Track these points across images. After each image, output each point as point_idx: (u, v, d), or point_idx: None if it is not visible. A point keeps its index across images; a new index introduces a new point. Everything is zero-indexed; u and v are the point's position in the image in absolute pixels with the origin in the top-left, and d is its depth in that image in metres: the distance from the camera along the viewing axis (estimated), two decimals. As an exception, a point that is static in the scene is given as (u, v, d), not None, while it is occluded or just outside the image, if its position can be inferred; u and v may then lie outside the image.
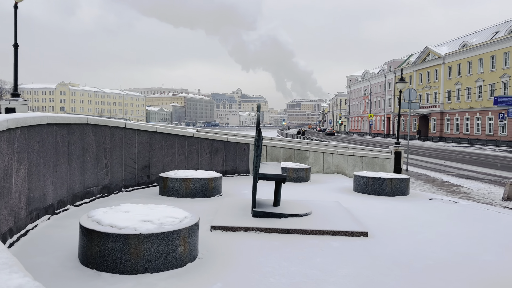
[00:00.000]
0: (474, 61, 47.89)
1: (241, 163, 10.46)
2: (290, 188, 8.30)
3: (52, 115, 5.07)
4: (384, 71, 73.90)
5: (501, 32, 45.38)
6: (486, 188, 14.58)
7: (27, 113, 5.01)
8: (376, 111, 76.71)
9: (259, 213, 5.21)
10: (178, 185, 6.82)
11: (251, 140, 10.77)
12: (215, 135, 9.86)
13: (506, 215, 6.51)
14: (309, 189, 8.44)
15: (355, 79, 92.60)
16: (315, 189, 8.50)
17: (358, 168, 11.80)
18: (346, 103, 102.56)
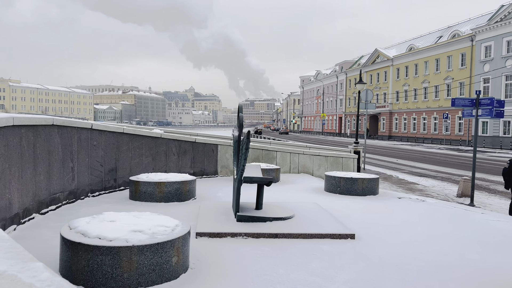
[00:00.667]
0: (420, 63, 50.42)
1: (209, 164, 10.23)
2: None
3: (17, 116, 4.63)
4: (336, 72, 75.96)
5: (444, 36, 48.11)
6: (439, 185, 15.33)
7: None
8: (328, 110, 78.71)
9: (244, 217, 5.07)
10: (151, 189, 6.51)
11: (220, 140, 10.57)
12: (183, 135, 9.56)
13: (473, 212, 6.82)
14: (281, 190, 8.40)
15: (308, 79, 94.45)
16: (288, 190, 8.47)
17: (324, 167, 11.95)
18: (299, 102, 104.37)
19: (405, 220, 5.85)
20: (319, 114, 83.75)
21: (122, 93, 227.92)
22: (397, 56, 55.12)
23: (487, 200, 12.34)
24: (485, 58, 40.08)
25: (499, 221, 6.03)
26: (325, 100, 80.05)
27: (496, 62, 38.59)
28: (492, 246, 4.61)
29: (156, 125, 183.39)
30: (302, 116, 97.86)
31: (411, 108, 52.31)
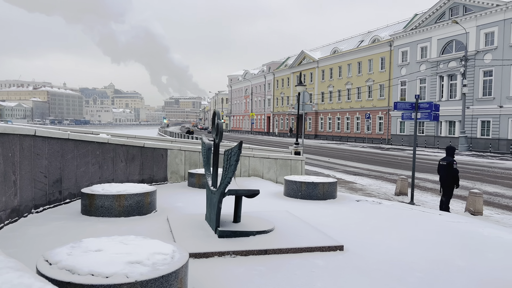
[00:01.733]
0: (344, 66, 53.03)
1: (159, 171, 9.61)
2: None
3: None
4: (264, 72, 77.10)
5: (365, 41, 51.09)
6: (375, 184, 16.09)
7: None
8: (257, 110, 79.69)
9: (226, 232, 4.72)
10: (109, 202, 5.86)
11: (169, 145, 9.99)
12: (131, 140, 8.85)
13: (431, 214, 7.13)
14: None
15: (236, 78, 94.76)
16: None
17: (273, 170, 11.88)
18: (227, 101, 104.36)
19: (377, 226, 5.91)
20: (247, 114, 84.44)
21: (33, 89, 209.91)
22: (322, 58, 57.41)
23: (421, 197, 13.15)
24: (402, 63, 43.26)
25: (459, 222, 6.35)
26: (254, 99, 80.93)
27: (411, 67, 41.84)
28: (469, 250, 4.78)
29: (73, 123, 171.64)
30: (230, 115, 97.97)
31: (335, 109, 54.81)
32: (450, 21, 36.43)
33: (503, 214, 10.65)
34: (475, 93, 34.76)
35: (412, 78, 41.71)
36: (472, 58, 34.59)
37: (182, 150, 10.20)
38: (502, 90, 32.60)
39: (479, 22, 34.38)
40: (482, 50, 34.18)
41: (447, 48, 37.96)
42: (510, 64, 31.82)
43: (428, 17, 39.42)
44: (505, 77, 32.37)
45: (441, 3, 37.74)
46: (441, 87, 38.78)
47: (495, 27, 33.06)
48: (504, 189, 14.61)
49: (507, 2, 31.54)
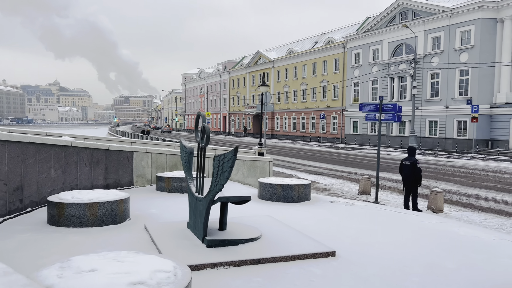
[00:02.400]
0: (299, 66, 53.83)
1: (124, 174, 9.14)
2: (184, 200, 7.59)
3: None
4: (219, 71, 76.59)
5: (320, 42, 52.15)
6: (337, 183, 16.38)
7: None
8: (212, 109, 79.03)
9: (215, 242, 4.50)
10: (81, 211, 5.43)
11: (135, 147, 9.52)
12: (95, 143, 8.32)
13: (405, 214, 7.29)
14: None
15: (190, 77, 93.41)
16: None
17: (242, 172, 11.72)
18: (181, 100, 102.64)
19: (360, 229, 5.92)
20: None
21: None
22: (278, 58, 57.93)
23: (383, 196, 13.51)
24: (355, 64, 44.59)
25: (434, 223, 6.52)
26: (209, 98, 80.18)
27: (364, 68, 43.24)
28: (454, 252, 4.89)
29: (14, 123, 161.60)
30: (185, 114, 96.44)
31: (291, 108, 55.51)
32: (400, 25, 38.00)
33: (461, 211, 11.16)
34: (424, 94, 36.52)
35: (364, 80, 43.10)
36: (421, 61, 36.31)
37: (149, 152, 9.77)
38: (448, 91, 34.49)
39: (426, 27, 36.15)
40: (430, 53, 35.97)
41: (398, 51, 39.58)
42: (455, 68, 33.73)
43: (380, 21, 40.90)
44: (450, 80, 34.27)
45: (392, 8, 39.27)
46: (392, 88, 40.38)
47: (441, 32, 34.90)
48: (457, 186, 15.37)
49: (452, 9, 33.40)
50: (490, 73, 32.12)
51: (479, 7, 31.66)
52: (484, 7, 31.53)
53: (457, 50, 33.62)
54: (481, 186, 15.27)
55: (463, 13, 32.94)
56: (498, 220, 10.07)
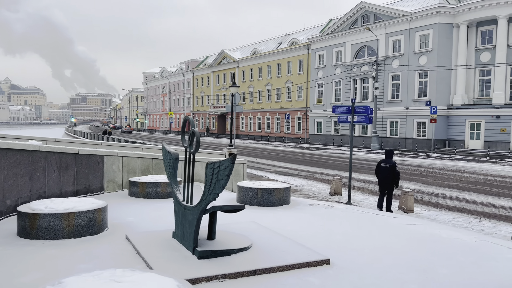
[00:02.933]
0: (264, 67, 53.98)
1: (94, 180, 8.68)
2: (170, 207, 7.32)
3: None
4: (182, 70, 75.45)
5: (284, 43, 52.54)
6: (308, 184, 16.46)
7: None
8: (175, 109, 77.74)
9: (206, 253, 4.29)
10: (56, 222, 5.04)
11: (106, 151, 9.07)
12: (64, 147, 7.84)
13: (385, 217, 7.36)
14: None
15: (152, 76, 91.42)
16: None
17: (214, 175, 11.49)
18: (143, 99, 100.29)
19: (346, 233, 5.89)
20: (165, 112, 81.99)
21: None
22: (243, 58, 57.82)
23: (353, 196, 13.69)
24: (319, 65, 45.25)
25: (415, 225, 6.62)
26: (172, 98, 78.80)
27: (328, 69, 43.96)
28: (443, 256, 4.94)
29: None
30: (146, 114, 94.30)
31: (256, 109, 55.58)
32: (362, 28, 38.93)
33: (430, 211, 11.48)
34: (385, 95, 37.61)
35: (328, 81, 43.83)
36: (382, 63, 37.38)
37: (120, 156, 9.35)
38: (408, 93, 35.71)
39: (387, 30, 37.25)
40: (391, 56, 37.09)
41: (360, 53, 40.53)
42: (414, 70, 34.97)
43: (343, 23, 41.72)
44: (410, 82, 35.50)
45: (354, 11, 40.16)
46: (354, 90, 41.30)
47: (402, 35, 36.08)
48: (422, 186, 15.86)
49: (412, 13, 34.61)
50: (447, 76, 33.56)
51: (436, 12, 32.99)
52: (441, 12, 32.89)
53: (417, 53, 34.88)
54: (444, 185, 15.85)
55: (422, 17, 34.22)
56: (465, 219, 10.43)
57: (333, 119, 43.44)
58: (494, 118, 30.64)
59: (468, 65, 32.81)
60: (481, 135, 31.59)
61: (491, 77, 31.99)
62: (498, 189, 15.07)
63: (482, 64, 32.40)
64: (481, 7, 31.15)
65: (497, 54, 31.04)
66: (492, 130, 30.90)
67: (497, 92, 30.92)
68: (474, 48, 32.80)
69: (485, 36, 32.40)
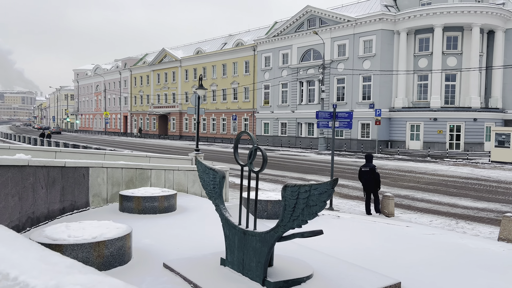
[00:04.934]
0: (208, 67, 53.18)
1: (80, 194, 7.77)
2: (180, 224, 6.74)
3: None
4: (118, 68, 71.98)
5: (229, 44, 52.16)
6: (279, 189, 16.32)
7: None
8: (111, 108, 73.94)
9: (279, 284, 3.90)
10: (85, 254, 4.33)
11: (91, 162, 8.16)
12: (51, 160, 6.89)
13: (398, 226, 7.39)
14: (197, 222, 7.09)
15: (84, 73, 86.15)
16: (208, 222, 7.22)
17: (198, 183, 10.91)
18: (73, 98, 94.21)
19: (380, 247, 5.77)
20: (100, 112, 77.69)
21: None
22: (185, 58, 56.49)
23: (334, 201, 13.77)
24: (265, 67, 45.52)
25: (434, 234, 6.70)
26: (107, 97, 74.83)
27: (274, 71, 44.38)
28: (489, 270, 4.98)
29: None
30: (78, 114, 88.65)
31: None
32: (309, 31, 39.79)
33: (406, 214, 11.84)
34: (331, 98, 38.79)
35: (275, 83, 44.24)
36: (328, 66, 38.49)
37: (104, 167, 8.47)
38: (352, 96, 37.15)
39: (333, 35, 38.45)
40: (336, 59, 38.34)
41: (306, 56, 41.40)
42: (359, 74, 36.46)
43: (289, 26, 42.34)
44: (355, 85, 36.96)
45: (300, 14, 40.94)
46: (301, 92, 42.12)
47: (347, 40, 37.44)
48: (385, 187, 16.40)
49: (357, 19, 36.04)
50: (389, 80, 35.41)
51: (379, 19, 34.66)
52: (383, 19, 34.61)
53: (361, 57, 36.39)
54: (405, 187, 16.54)
55: (366, 23, 35.76)
56: (443, 221, 10.88)
57: (280, 121, 43.95)
58: (432, 120, 32.90)
59: (407, 70, 34.90)
60: (421, 136, 33.76)
61: (428, 82, 34.32)
62: (454, 189, 16.05)
63: (420, 69, 34.64)
64: (420, 16, 33.28)
65: (433, 60, 33.34)
66: (430, 132, 33.15)
67: (434, 96, 33.23)
68: (413, 54, 34.97)
69: (423, 43, 34.67)
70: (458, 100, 33.55)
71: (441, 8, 32.19)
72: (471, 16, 32.15)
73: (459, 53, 33.36)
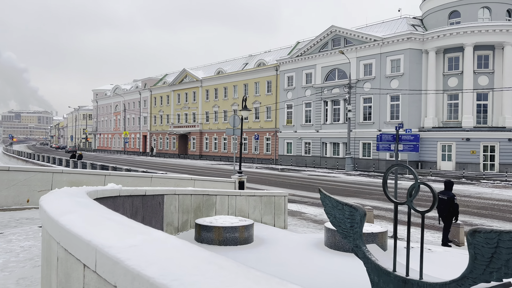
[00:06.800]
0: (230, 87, 53.25)
1: (156, 224, 7.33)
2: (260, 258, 6.22)
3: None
4: (138, 88, 72.67)
5: (250, 64, 52.29)
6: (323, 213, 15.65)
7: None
8: (130, 128, 74.36)
9: None
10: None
11: (165, 189, 7.74)
12: (135, 188, 6.48)
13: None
14: (289, 257, 6.57)
15: (103, 93, 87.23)
16: (298, 255, 6.69)
17: (258, 209, 10.41)
18: (91, 118, 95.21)
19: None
20: (118, 132, 78.20)
21: None
22: (206, 78, 56.75)
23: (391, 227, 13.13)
24: (288, 87, 45.35)
25: None
26: (127, 117, 75.38)
27: (297, 91, 44.15)
28: None
29: None
30: (96, 133, 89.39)
31: (221, 129, 54.45)
32: (334, 51, 39.63)
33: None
34: (357, 117, 38.27)
35: (298, 102, 43.96)
36: (353, 86, 38.12)
37: (177, 194, 8.04)
38: (380, 116, 36.58)
39: (359, 54, 38.20)
40: (362, 79, 37.97)
41: (330, 75, 41.16)
42: (386, 93, 35.98)
43: (313, 46, 42.27)
44: (382, 104, 36.44)
45: (325, 34, 40.88)
46: (325, 111, 41.71)
47: (373, 59, 37.13)
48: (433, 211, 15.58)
49: (383, 38, 35.78)
50: (418, 99, 34.83)
51: (407, 38, 34.34)
52: (412, 38, 34.28)
53: (388, 77, 35.96)
54: (475, 214, 15.47)
55: (393, 43, 35.46)
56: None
57: (303, 140, 43.46)
58: (464, 140, 32.08)
59: (437, 89, 34.31)
60: (453, 157, 32.89)
61: (459, 101, 33.64)
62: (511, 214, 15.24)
63: (450, 88, 34.03)
64: (449, 35, 32.87)
65: (464, 79, 32.73)
66: (463, 152, 32.29)
67: (466, 116, 32.48)
68: (442, 73, 34.44)
69: (452, 62, 34.16)
70: (491, 120, 32.74)
71: (471, 27, 31.77)
72: (502, 35, 31.64)
73: (491, 72, 32.72)
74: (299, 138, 43.88)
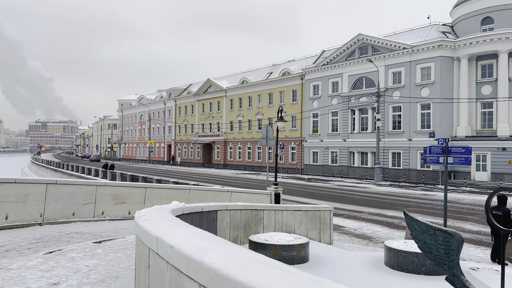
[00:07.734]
0: (254, 96, 53.26)
1: (211, 241, 7.12)
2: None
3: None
4: (163, 98, 73.59)
5: (274, 73, 52.23)
6: (361, 226, 15.05)
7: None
8: (155, 137, 75.23)
9: None
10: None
11: (218, 204, 7.58)
12: (194, 205, 6.33)
13: None
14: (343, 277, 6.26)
15: (128, 103, 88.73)
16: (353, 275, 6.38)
17: (304, 225, 10.13)
18: (116, 127, 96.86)
19: None
20: (143, 141, 79.22)
21: None
22: (230, 87, 56.97)
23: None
24: (313, 96, 44.99)
25: None
26: (151, 126, 76.35)
27: (323, 100, 43.74)
28: None
29: None
30: (121, 142, 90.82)
31: (246, 138, 54.44)
32: (361, 59, 39.15)
33: None
34: (386, 126, 37.56)
35: (324, 111, 43.53)
36: (382, 94, 37.48)
37: (228, 209, 7.86)
38: (410, 124, 35.79)
39: (387, 62, 37.60)
40: (391, 87, 37.31)
41: (358, 84, 40.62)
42: (416, 102, 35.21)
43: (339, 54, 41.89)
44: (412, 113, 35.66)
45: (351, 42, 40.47)
46: (352, 120, 41.13)
47: (402, 67, 36.47)
48: (479, 226, 14.95)
49: (413, 46, 35.13)
50: (450, 108, 33.93)
51: (438, 45, 33.61)
52: (443, 46, 33.53)
53: (418, 85, 35.21)
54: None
55: (423, 51, 34.76)
56: None
57: (330, 149, 42.92)
58: (500, 150, 30.98)
59: (470, 98, 33.37)
60: (488, 167, 31.78)
61: (493, 110, 32.61)
62: None
63: (484, 97, 33.04)
64: (482, 42, 32.00)
65: (499, 87, 31.73)
66: (499, 162, 31.16)
67: (501, 125, 31.41)
68: (475, 81, 33.50)
69: (485, 69, 33.21)
70: (528, 129, 31.57)
71: (506, 33, 30.85)
72: (539, 41, 30.60)
73: (527, 79, 31.64)
74: (325, 147, 43.37)
